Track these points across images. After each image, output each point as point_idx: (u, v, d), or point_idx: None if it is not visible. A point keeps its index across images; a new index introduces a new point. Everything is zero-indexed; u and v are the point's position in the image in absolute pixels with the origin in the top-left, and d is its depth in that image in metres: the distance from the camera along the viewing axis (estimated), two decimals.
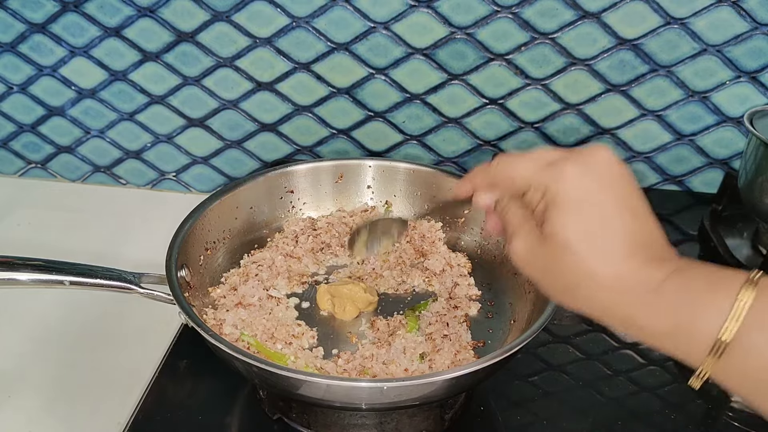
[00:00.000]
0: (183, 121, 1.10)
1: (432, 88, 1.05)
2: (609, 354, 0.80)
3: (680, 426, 0.72)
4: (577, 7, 0.97)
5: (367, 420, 0.67)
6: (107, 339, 0.84)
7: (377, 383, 0.58)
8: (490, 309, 0.77)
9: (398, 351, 0.69)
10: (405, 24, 1.00)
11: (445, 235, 0.85)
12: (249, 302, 0.75)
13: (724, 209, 1.02)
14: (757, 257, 0.94)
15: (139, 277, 0.70)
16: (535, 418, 0.72)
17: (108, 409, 0.75)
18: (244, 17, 1.01)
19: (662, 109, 1.04)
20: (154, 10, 1.01)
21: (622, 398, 0.74)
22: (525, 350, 0.63)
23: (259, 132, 1.10)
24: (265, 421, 0.70)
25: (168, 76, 1.06)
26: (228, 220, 0.82)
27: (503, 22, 0.99)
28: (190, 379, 0.75)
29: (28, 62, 1.07)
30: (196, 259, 0.77)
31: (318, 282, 0.80)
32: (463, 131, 1.08)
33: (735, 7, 0.95)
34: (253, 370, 0.60)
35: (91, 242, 1.00)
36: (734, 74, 1.00)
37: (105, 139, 1.12)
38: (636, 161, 1.08)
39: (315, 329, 0.74)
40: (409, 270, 0.81)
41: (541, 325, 0.63)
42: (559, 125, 1.07)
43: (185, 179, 1.15)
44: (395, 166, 0.88)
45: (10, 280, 0.68)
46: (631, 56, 1.00)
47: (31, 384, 0.78)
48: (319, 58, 1.03)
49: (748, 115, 0.92)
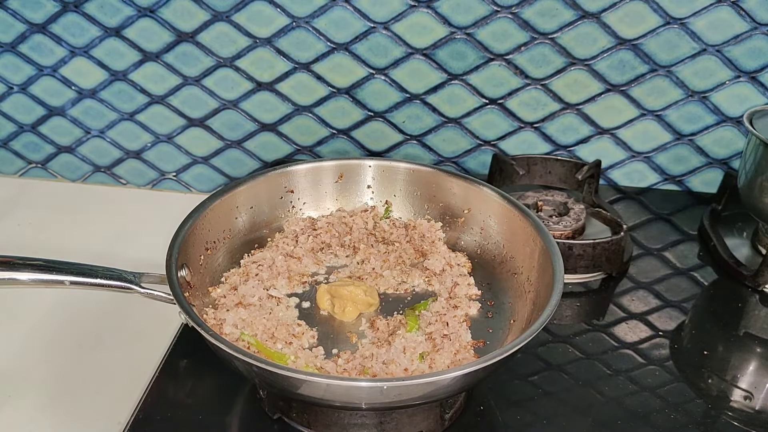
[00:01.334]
0: (183, 121, 1.10)
1: (432, 88, 1.05)
2: (609, 354, 0.80)
3: (680, 426, 0.72)
4: (577, 7, 0.97)
5: (367, 419, 0.67)
6: (107, 339, 0.84)
7: (377, 383, 0.58)
8: (490, 309, 0.77)
9: (398, 351, 0.69)
10: (405, 24, 1.00)
11: (445, 235, 0.85)
12: (249, 302, 0.75)
13: (724, 209, 1.02)
14: (756, 257, 0.94)
15: (139, 277, 0.70)
16: (534, 418, 0.72)
17: (108, 409, 0.75)
18: (244, 17, 1.01)
19: (662, 109, 1.04)
20: (154, 10, 1.01)
21: (622, 398, 0.74)
22: (525, 350, 0.63)
23: (259, 132, 1.10)
24: (265, 420, 0.70)
25: (168, 76, 1.06)
26: (228, 220, 0.82)
27: (503, 22, 0.99)
28: (190, 379, 0.75)
29: (28, 62, 1.07)
30: (197, 258, 0.77)
31: (318, 282, 0.81)
32: (463, 131, 1.08)
33: (735, 7, 0.95)
34: (253, 369, 0.60)
35: (91, 242, 1.00)
36: (734, 74, 1.00)
37: (105, 139, 1.12)
38: (636, 161, 1.09)
39: (315, 329, 0.74)
40: (409, 270, 0.81)
41: (541, 325, 0.63)
42: (559, 125, 1.07)
43: (185, 179, 1.15)
44: (395, 166, 0.88)
45: (10, 280, 0.68)
46: (631, 56, 1.00)
47: (31, 384, 0.78)
48: (319, 58, 1.03)
49: (748, 115, 0.92)
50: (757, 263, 0.90)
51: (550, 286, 0.69)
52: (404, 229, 0.86)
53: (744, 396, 0.76)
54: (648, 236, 1.00)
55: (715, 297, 0.91)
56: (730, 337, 0.84)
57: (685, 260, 0.95)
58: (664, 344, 0.82)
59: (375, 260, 0.82)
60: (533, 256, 0.76)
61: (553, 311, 0.65)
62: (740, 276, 0.91)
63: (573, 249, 0.88)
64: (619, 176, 1.10)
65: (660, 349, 0.81)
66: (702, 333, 0.84)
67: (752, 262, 0.93)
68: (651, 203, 1.07)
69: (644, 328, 0.84)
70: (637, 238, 0.99)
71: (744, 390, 0.76)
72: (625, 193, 1.10)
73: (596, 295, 0.90)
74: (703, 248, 0.98)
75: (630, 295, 0.89)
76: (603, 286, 0.91)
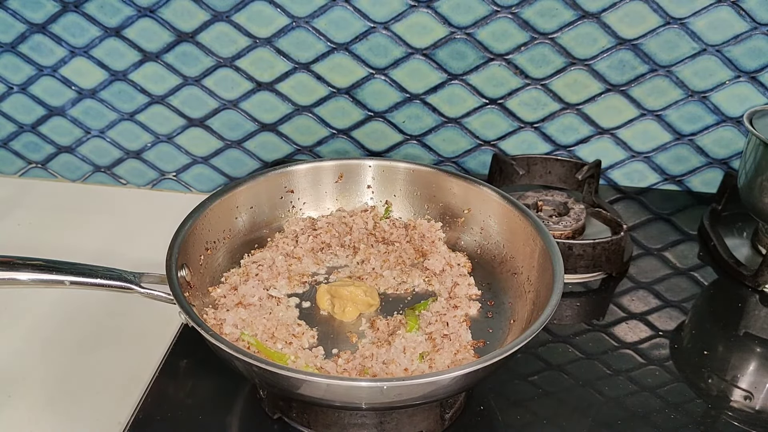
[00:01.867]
0: (183, 121, 1.10)
1: (432, 88, 1.05)
2: (609, 354, 0.80)
3: (680, 426, 0.72)
4: (577, 7, 0.97)
5: (367, 419, 0.67)
6: (107, 339, 0.84)
7: (377, 383, 0.58)
8: (490, 309, 0.77)
9: (398, 351, 0.69)
10: (405, 24, 1.00)
11: (445, 235, 0.85)
12: (249, 302, 0.75)
13: (724, 209, 1.02)
14: (756, 257, 0.94)
15: (139, 276, 0.70)
16: (534, 418, 0.72)
17: (108, 409, 0.75)
18: (244, 17, 1.01)
19: (662, 109, 1.04)
20: (154, 10, 1.01)
21: (622, 398, 0.74)
22: (525, 350, 0.63)
23: (259, 132, 1.10)
24: (265, 420, 0.70)
25: (168, 76, 1.06)
26: (228, 220, 0.82)
27: (503, 22, 0.99)
28: (190, 379, 0.75)
29: (28, 62, 1.07)
30: (197, 258, 0.77)
31: (318, 282, 0.81)
32: (463, 131, 1.08)
33: (735, 7, 0.95)
34: (253, 369, 0.60)
35: (91, 242, 1.00)
36: (734, 74, 1.00)
37: (105, 139, 1.12)
38: (636, 161, 1.09)
39: (315, 329, 0.74)
40: (409, 270, 0.81)
41: (541, 325, 0.63)
42: (559, 125, 1.07)
43: (185, 179, 1.15)
44: (395, 166, 0.88)
45: (10, 279, 0.68)
46: (631, 56, 1.00)
47: (31, 384, 0.78)
48: (319, 58, 1.03)
49: (748, 115, 0.92)
50: (757, 263, 0.90)
51: (550, 286, 0.69)
52: (404, 229, 0.86)
53: (744, 396, 0.76)
54: (648, 236, 1.00)
55: (715, 297, 0.91)
56: (730, 337, 0.84)
57: (685, 260, 0.95)
58: (664, 344, 0.82)
59: (375, 260, 0.82)
60: (533, 256, 0.76)
61: (553, 311, 0.65)
62: (740, 276, 0.91)
63: (573, 249, 0.88)
64: (619, 176, 1.10)
65: (660, 349, 0.81)
66: (702, 333, 0.84)
67: (752, 262, 0.93)
68: (651, 203, 1.07)
69: (644, 328, 0.84)
70: (637, 238, 0.99)
71: (744, 390, 0.76)
72: (625, 193, 1.10)
73: (596, 295, 0.90)
74: (703, 248, 0.98)
75: (630, 295, 0.89)
76: (603, 286, 0.91)
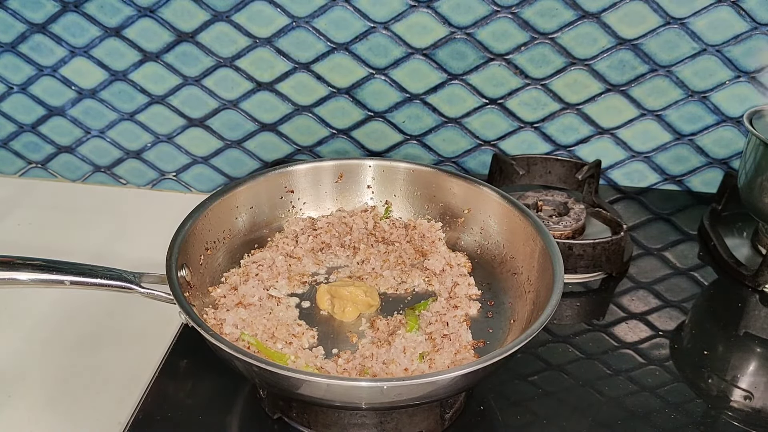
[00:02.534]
0: (183, 121, 1.10)
1: (432, 88, 1.05)
2: (609, 354, 0.80)
3: (680, 426, 0.72)
4: (577, 7, 0.97)
5: (367, 419, 0.67)
6: (107, 339, 0.84)
7: (377, 383, 0.58)
8: (490, 309, 0.77)
9: (398, 350, 0.69)
10: (405, 24, 1.00)
11: (445, 235, 0.85)
12: (249, 302, 0.75)
13: (724, 209, 1.02)
14: (756, 257, 0.94)
15: (139, 276, 0.70)
16: (534, 418, 0.72)
17: (108, 409, 0.75)
18: (244, 17, 1.01)
19: (662, 109, 1.04)
20: (154, 10, 1.01)
21: (622, 398, 0.74)
22: (525, 350, 0.63)
23: (259, 132, 1.10)
24: (265, 420, 0.70)
25: (168, 76, 1.06)
26: (228, 220, 0.82)
27: (503, 22, 0.99)
28: (190, 379, 0.75)
29: (28, 62, 1.07)
30: (197, 258, 0.77)
31: (318, 282, 0.80)
32: (463, 131, 1.08)
33: (735, 7, 0.95)
34: (253, 369, 0.60)
35: (91, 242, 1.00)
36: (734, 74, 1.00)
37: (105, 139, 1.12)
38: (636, 161, 1.09)
39: (315, 329, 0.74)
40: (409, 270, 0.81)
41: (541, 325, 0.63)
42: (559, 125, 1.07)
43: (185, 179, 1.15)
44: (395, 166, 0.88)
45: (10, 279, 0.68)
46: (631, 56, 1.00)
47: (31, 384, 0.78)
48: (319, 58, 1.03)
49: (748, 115, 0.92)
50: (757, 263, 0.90)
51: (550, 286, 0.69)
52: (404, 229, 0.86)
53: (744, 396, 0.76)
54: (648, 236, 1.00)
55: (715, 297, 0.91)
56: (730, 337, 0.84)
57: (685, 260, 0.95)
58: (664, 344, 0.82)
59: (375, 260, 0.82)
60: (533, 256, 0.76)
61: (553, 311, 0.65)
62: (740, 276, 0.91)
63: (573, 249, 0.88)
64: (619, 176, 1.10)
65: (660, 349, 0.81)
66: (702, 333, 0.84)
67: (752, 262, 0.93)
68: (651, 203, 1.07)
69: (644, 328, 0.84)
70: (637, 238, 0.99)
71: (744, 390, 0.76)
72: (625, 193, 1.10)
73: (596, 295, 0.90)
74: (703, 248, 0.98)
75: (630, 295, 0.89)
76: (603, 286, 0.91)
